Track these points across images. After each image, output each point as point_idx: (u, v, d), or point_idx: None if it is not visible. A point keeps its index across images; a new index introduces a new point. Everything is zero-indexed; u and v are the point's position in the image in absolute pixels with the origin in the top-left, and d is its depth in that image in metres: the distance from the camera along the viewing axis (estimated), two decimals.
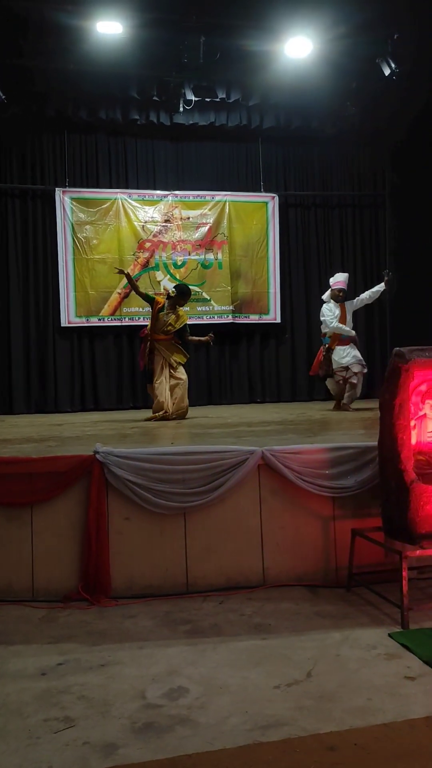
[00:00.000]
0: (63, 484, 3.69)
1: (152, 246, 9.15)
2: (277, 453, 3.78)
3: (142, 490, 3.67)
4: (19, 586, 3.67)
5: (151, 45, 7.40)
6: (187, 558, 3.73)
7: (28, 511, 3.70)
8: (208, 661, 2.83)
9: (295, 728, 2.26)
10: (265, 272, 9.46)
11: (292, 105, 8.76)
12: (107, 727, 2.31)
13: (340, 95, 8.43)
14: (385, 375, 3.42)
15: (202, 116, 8.86)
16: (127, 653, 2.93)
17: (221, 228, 9.32)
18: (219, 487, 3.71)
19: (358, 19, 7.00)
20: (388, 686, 2.55)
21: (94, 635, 3.15)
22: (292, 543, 3.82)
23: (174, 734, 2.25)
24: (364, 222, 9.89)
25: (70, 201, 8.86)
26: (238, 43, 7.44)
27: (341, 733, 2.24)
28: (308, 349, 9.59)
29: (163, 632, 3.17)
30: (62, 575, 3.68)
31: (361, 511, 3.86)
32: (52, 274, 8.85)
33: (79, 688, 2.62)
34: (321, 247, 9.76)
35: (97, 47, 7.23)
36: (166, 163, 9.30)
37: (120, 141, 9.13)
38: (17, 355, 8.70)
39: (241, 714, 2.37)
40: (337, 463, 3.86)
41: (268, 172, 9.57)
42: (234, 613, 3.38)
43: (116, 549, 3.69)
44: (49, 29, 7.10)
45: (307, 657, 2.84)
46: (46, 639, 3.12)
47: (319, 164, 9.76)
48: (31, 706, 2.48)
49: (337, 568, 3.83)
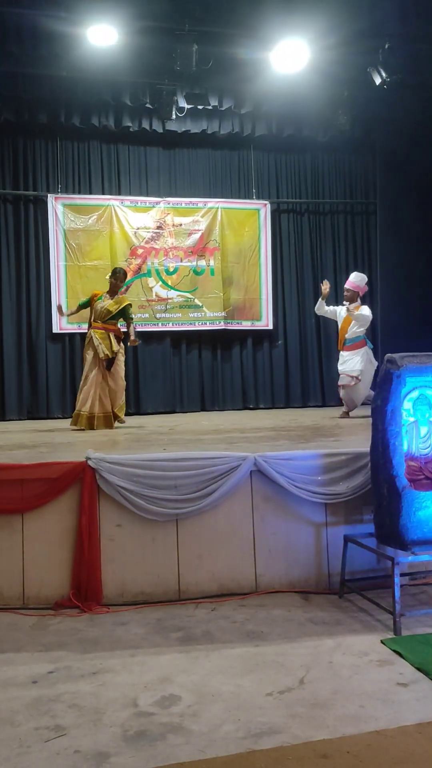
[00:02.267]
0: (55, 490, 3.67)
1: (144, 252, 9.15)
2: (269, 459, 3.78)
3: (134, 496, 3.66)
4: (10, 593, 3.65)
5: (143, 52, 7.42)
6: (180, 565, 3.72)
7: (19, 518, 3.68)
8: (200, 668, 2.82)
9: (288, 736, 2.26)
10: (257, 279, 9.48)
11: (284, 113, 8.81)
12: (99, 735, 2.30)
13: (331, 104, 8.48)
14: (377, 381, 3.44)
15: (194, 123, 8.89)
16: (118, 661, 2.91)
17: (213, 235, 9.34)
18: (211, 494, 3.71)
19: (349, 28, 7.04)
20: (380, 693, 2.55)
21: (86, 643, 3.13)
22: (284, 549, 3.82)
23: (166, 742, 2.24)
24: (356, 229, 9.94)
25: (62, 207, 8.86)
26: (230, 51, 7.47)
27: (334, 740, 2.23)
28: (301, 355, 9.62)
29: (155, 639, 3.15)
30: (53, 582, 3.66)
31: (354, 517, 3.87)
32: (44, 281, 8.83)
33: (70, 696, 2.60)
34: (313, 254, 9.79)
35: (89, 54, 7.24)
36: (159, 170, 9.31)
37: (112, 148, 9.14)
38: (9, 361, 8.66)
39: (234, 722, 2.36)
40: (329, 470, 3.86)
41: (260, 179, 9.60)
42: (226, 620, 3.37)
43: (108, 556, 3.67)
44: (41, 36, 7.10)
45: (300, 664, 2.83)
46: (37, 647, 3.09)
47: (311, 172, 9.80)
48: (21, 714, 2.46)
49: (329, 574, 3.83)
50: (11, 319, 8.72)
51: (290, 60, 7.49)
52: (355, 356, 7.20)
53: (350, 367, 7.17)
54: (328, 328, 9.70)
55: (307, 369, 9.63)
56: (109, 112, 8.58)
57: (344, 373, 7.20)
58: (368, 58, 7.56)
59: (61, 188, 8.91)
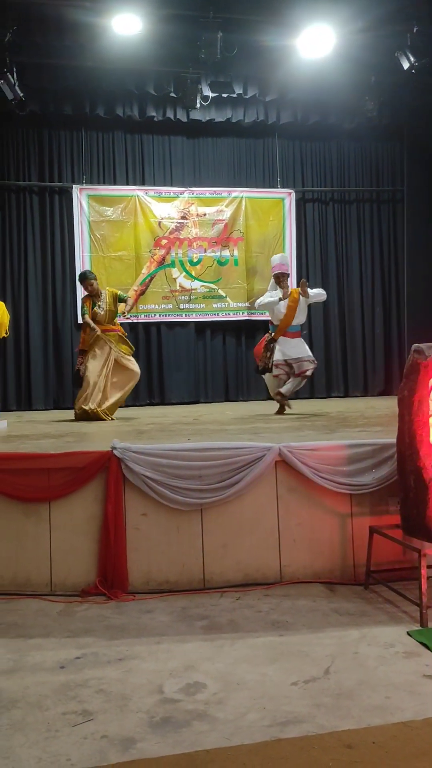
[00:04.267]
0: (81, 479, 3.71)
1: (168, 243, 9.15)
2: (294, 449, 3.77)
3: (159, 485, 3.68)
4: (38, 580, 3.70)
5: (168, 41, 7.39)
6: (204, 554, 3.73)
7: (47, 507, 3.73)
8: (225, 656, 2.83)
9: (313, 725, 2.26)
10: None
11: (309, 100, 8.71)
12: (125, 721, 2.32)
13: (358, 90, 8.36)
14: (403, 371, 3.40)
15: (218, 112, 8.85)
16: (144, 648, 2.94)
17: (237, 224, 9.29)
18: (236, 484, 3.71)
19: (376, 12, 6.93)
20: (406, 684, 2.54)
21: (112, 629, 3.16)
22: (309, 540, 3.81)
23: (191, 729, 2.26)
24: (382, 217, 9.81)
25: (87, 198, 8.89)
26: (255, 38, 7.40)
27: (359, 731, 2.22)
28: (325, 344, 9.55)
29: (180, 627, 3.17)
30: (80, 570, 3.70)
31: (379, 508, 3.84)
32: (69, 272, 8.90)
33: (97, 681, 2.63)
34: (338, 243, 9.70)
35: (114, 44, 7.23)
36: (183, 159, 9.29)
37: (137, 138, 9.14)
38: (35, 351, 8.76)
39: (259, 710, 2.37)
40: (354, 460, 3.84)
41: (284, 167, 9.52)
42: (251, 610, 3.38)
43: (133, 544, 3.70)
44: (66, 27, 7.12)
45: (325, 654, 2.83)
46: (65, 633, 3.14)
47: (336, 159, 9.70)
48: (50, 699, 2.50)
49: (354, 565, 3.81)
50: (37, 309, 8.80)
51: (316, 46, 7.40)
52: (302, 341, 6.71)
53: (307, 352, 6.61)
54: (353, 319, 9.63)
55: (330, 359, 9.57)
56: (133, 101, 8.58)
57: (305, 359, 6.53)
58: (396, 42, 7.43)
59: (86, 179, 8.94)
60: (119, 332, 6.82)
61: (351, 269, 9.70)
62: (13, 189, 8.85)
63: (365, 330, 9.65)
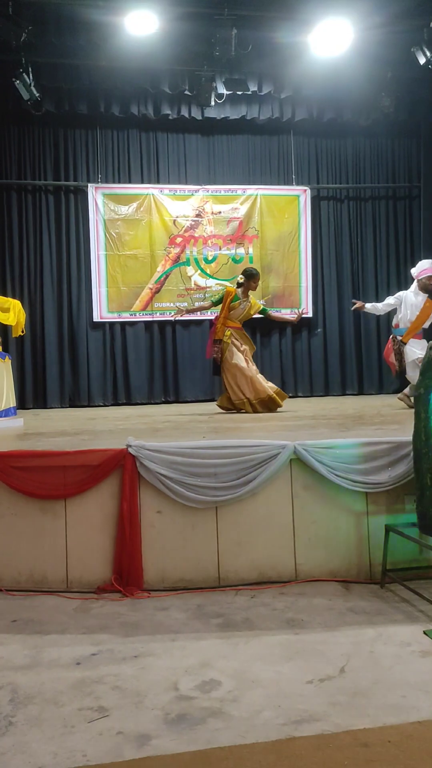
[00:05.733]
0: (96, 477, 3.72)
1: (183, 241, 9.16)
2: (309, 447, 3.76)
3: (174, 483, 3.68)
4: (54, 576, 3.72)
5: (181, 39, 7.39)
6: (219, 552, 3.74)
7: (62, 504, 3.75)
8: (240, 654, 2.84)
9: (328, 724, 2.25)
10: (297, 266, 9.39)
11: (324, 97, 8.67)
12: (140, 717, 2.33)
13: (374, 86, 8.30)
14: (420, 369, 3.37)
15: (233, 109, 8.83)
16: (159, 645, 2.95)
17: (252, 222, 9.28)
18: (251, 482, 3.70)
19: (392, 8, 6.88)
20: (423, 683, 2.52)
21: (127, 626, 3.17)
22: (324, 538, 3.79)
23: (207, 726, 2.26)
24: (398, 215, 9.74)
25: (102, 197, 8.93)
26: (270, 35, 7.38)
27: (375, 730, 2.21)
28: (340, 342, 9.51)
29: (195, 625, 3.18)
30: (95, 567, 3.72)
31: (395, 506, 3.82)
32: (84, 270, 8.94)
33: (112, 678, 2.64)
34: (353, 241, 9.65)
35: (128, 43, 7.25)
36: (198, 157, 9.29)
37: (151, 136, 9.16)
38: (51, 349, 8.82)
39: (274, 708, 2.36)
40: (370, 458, 3.81)
41: (300, 165, 9.49)
42: (266, 608, 3.37)
43: (148, 542, 3.71)
44: (80, 26, 7.15)
45: (341, 653, 2.82)
46: (81, 629, 3.15)
47: (352, 156, 9.65)
48: (66, 695, 2.52)
49: (370, 564, 3.79)
50: (53, 308, 8.86)
51: (331, 42, 7.36)
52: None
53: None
54: (368, 316, 9.57)
55: (345, 357, 9.53)
56: (147, 100, 8.60)
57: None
58: (412, 38, 7.37)
59: (101, 178, 8.98)
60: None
61: (366, 267, 9.65)
62: (29, 188, 8.91)
63: (380, 327, 9.59)
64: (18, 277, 8.83)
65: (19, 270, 8.84)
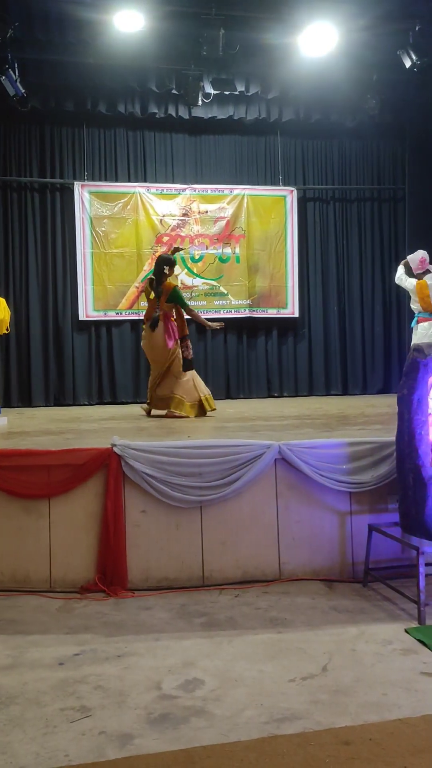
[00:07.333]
0: (80, 476, 3.72)
1: (170, 240, 9.14)
2: (294, 447, 3.78)
3: (158, 483, 3.69)
4: (37, 576, 3.71)
5: (170, 38, 7.37)
6: (203, 551, 3.74)
7: (46, 503, 3.73)
8: (223, 653, 2.85)
9: (310, 722, 2.27)
10: (283, 266, 9.41)
11: (311, 98, 8.68)
12: (123, 717, 2.33)
13: (360, 88, 8.33)
14: (403, 370, 3.40)
15: (220, 109, 8.82)
16: (143, 644, 2.95)
17: (239, 222, 9.28)
18: (235, 481, 3.71)
19: (379, 10, 6.91)
20: (403, 681, 2.55)
21: (111, 626, 3.17)
22: (308, 537, 3.81)
23: (189, 726, 2.27)
24: (383, 216, 9.79)
25: (88, 195, 8.88)
26: (257, 35, 7.38)
27: (356, 727, 2.23)
28: (325, 343, 9.54)
29: (179, 624, 3.18)
30: (79, 566, 3.71)
31: (378, 506, 3.85)
32: (70, 268, 8.89)
33: (95, 678, 2.64)
34: (339, 241, 9.69)
35: (116, 40, 7.21)
36: (185, 156, 9.27)
37: (138, 135, 9.12)
38: (36, 348, 8.75)
39: (257, 707, 2.38)
40: (354, 458, 3.84)
41: (286, 165, 9.50)
42: (250, 607, 3.39)
43: (133, 541, 3.71)
44: (68, 23, 7.10)
45: (323, 651, 2.84)
46: (64, 629, 3.15)
47: (338, 158, 9.68)
48: (48, 695, 2.51)
49: (353, 563, 3.82)
50: (38, 306, 8.80)
51: (318, 44, 7.37)
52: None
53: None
54: (353, 317, 9.62)
55: (330, 357, 9.57)
56: (135, 98, 8.56)
57: None
58: (398, 41, 7.41)
59: (87, 176, 8.93)
60: None
61: (351, 267, 9.69)
62: (14, 186, 8.84)
63: (365, 328, 9.65)
64: (3, 274, 8.75)
65: (4, 268, 8.77)
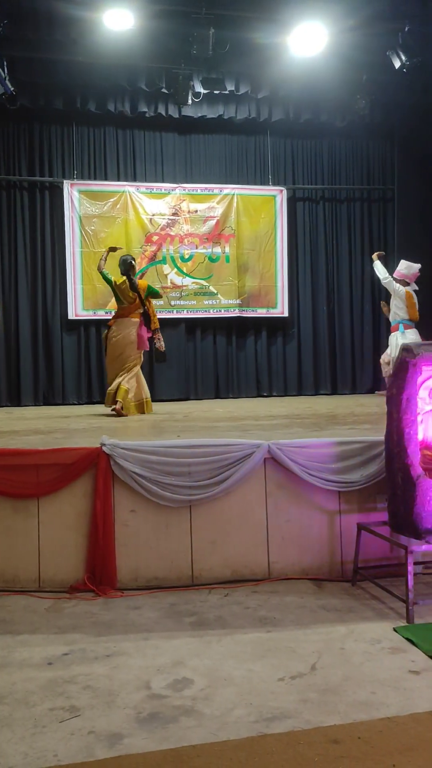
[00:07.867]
0: (69, 475, 3.70)
1: (159, 239, 9.13)
2: (283, 447, 3.78)
3: (148, 482, 3.68)
4: (26, 576, 3.69)
5: (160, 37, 7.36)
6: (193, 550, 3.74)
7: (35, 503, 3.72)
8: (213, 653, 2.85)
9: (299, 721, 2.27)
10: (273, 266, 9.43)
11: (301, 98, 8.71)
12: (112, 716, 2.33)
13: (350, 88, 8.37)
14: (392, 370, 3.42)
15: (210, 109, 8.82)
16: (132, 644, 2.95)
17: (229, 221, 9.29)
18: (225, 481, 3.72)
19: (368, 11, 6.94)
20: (392, 680, 2.56)
21: (100, 626, 3.16)
22: (297, 537, 3.82)
23: (179, 725, 2.26)
24: (373, 216, 9.84)
25: (78, 194, 8.85)
26: (247, 35, 7.39)
27: (345, 726, 2.24)
28: (314, 342, 9.57)
29: (168, 624, 3.18)
30: (68, 566, 3.70)
31: (367, 505, 3.86)
32: (59, 267, 8.86)
33: (84, 678, 2.63)
34: (328, 241, 9.72)
35: (105, 39, 7.19)
36: (175, 155, 9.26)
37: (128, 133, 9.10)
38: (25, 347, 8.72)
39: (246, 706, 2.38)
40: (343, 458, 3.85)
41: (276, 165, 9.52)
42: (239, 606, 3.39)
43: (122, 541, 3.71)
44: (57, 21, 7.07)
45: (312, 650, 2.85)
46: (53, 629, 3.14)
47: (328, 158, 9.71)
48: (37, 695, 2.50)
49: (342, 562, 3.83)
50: (27, 305, 8.76)
51: (308, 44, 7.40)
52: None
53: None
54: (342, 316, 9.66)
55: (319, 357, 9.60)
56: (125, 97, 8.54)
57: None
58: (387, 41, 7.45)
59: (76, 174, 8.90)
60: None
61: (341, 267, 9.73)
62: (3, 184, 8.79)
63: (354, 328, 9.69)
64: None
65: None
